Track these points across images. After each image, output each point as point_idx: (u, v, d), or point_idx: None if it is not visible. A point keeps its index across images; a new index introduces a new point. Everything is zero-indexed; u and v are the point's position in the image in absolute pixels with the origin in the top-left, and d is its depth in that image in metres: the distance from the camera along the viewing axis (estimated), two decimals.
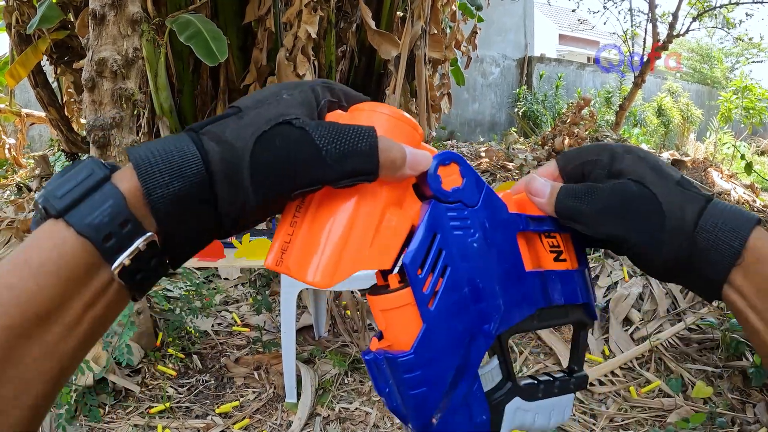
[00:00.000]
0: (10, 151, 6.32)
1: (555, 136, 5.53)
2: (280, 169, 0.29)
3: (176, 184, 0.28)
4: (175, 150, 0.29)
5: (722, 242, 0.35)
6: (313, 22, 3.78)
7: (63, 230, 0.27)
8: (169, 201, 0.28)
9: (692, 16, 7.34)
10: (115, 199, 0.28)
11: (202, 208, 0.29)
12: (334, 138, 0.29)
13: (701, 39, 17.25)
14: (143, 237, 0.28)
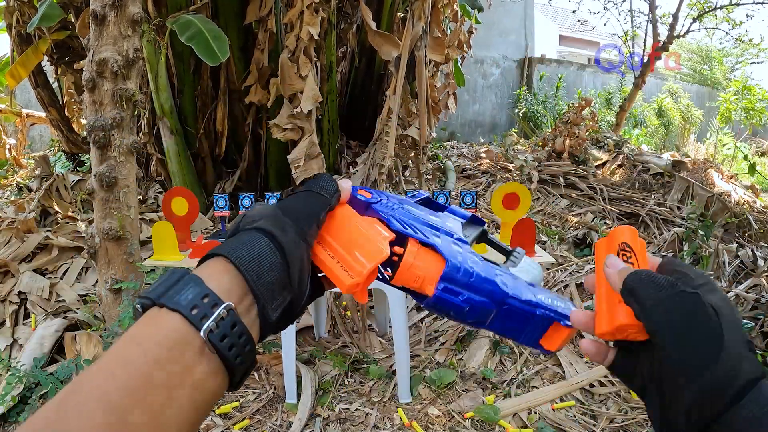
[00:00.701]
0: (10, 151, 6.32)
1: (555, 136, 5.53)
2: (302, 210, 0.42)
3: (252, 249, 0.38)
4: (243, 237, 0.40)
5: (765, 421, 0.32)
6: (315, 23, 3.78)
7: (158, 312, 0.33)
8: (249, 257, 0.37)
9: (692, 17, 7.34)
10: (195, 281, 0.34)
11: (273, 256, 0.38)
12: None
13: (701, 40, 17.25)
14: (224, 305, 0.34)
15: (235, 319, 0.34)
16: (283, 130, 4.00)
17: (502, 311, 0.46)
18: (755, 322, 2.42)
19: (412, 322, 2.78)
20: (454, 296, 0.45)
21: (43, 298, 2.69)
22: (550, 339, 0.47)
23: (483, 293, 0.45)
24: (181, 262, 2.07)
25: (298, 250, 0.39)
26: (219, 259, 0.36)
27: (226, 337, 0.33)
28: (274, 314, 0.37)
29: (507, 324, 0.47)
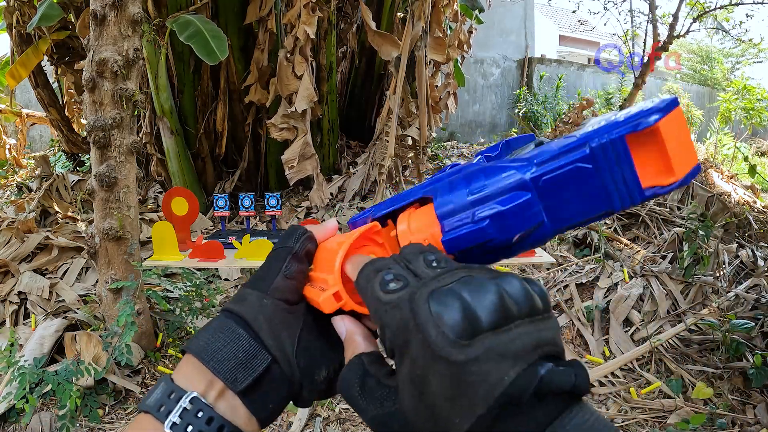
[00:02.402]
0: (10, 151, 6.32)
1: (556, 137, 5.54)
2: (263, 272, 0.41)
3: (207, 332, 0.38)
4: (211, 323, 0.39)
5: None
6: (311, 23, 3.78)
7: (137, 414, 0.36)
8: (204, 342, 0.37)
9: (692, 18, 7.34)
10: (165, 380, 0.36)
11: (228, 332, 0.37)
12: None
13: (701, 40, 17.27)
14: (186, 396, 0.35)
15: (200, 405, 0.34)
16: (280, 130, 4.00)
17: (545, 190, 0.31)
18: (755, 322, 2.42)
19: None
20: (464, 225, 0.32)
21: (43, 298, 2.69)
22: (647, 160, 0.30)
23: (498, 192, 0.31)
24: (181, 262, 2.07)
25: (260, 312, 0.37)
26: (186, 355, 0.37)
27: (191, 426, 0.34)
28: (241, 385, 0.35)
29: (569, 201, 0.31)
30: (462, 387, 0.23)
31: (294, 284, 0.39)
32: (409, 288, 0.26)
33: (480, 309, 0.24)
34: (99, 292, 2.32)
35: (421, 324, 0.24)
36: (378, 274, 0.29)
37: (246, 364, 0.36)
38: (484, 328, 0.24)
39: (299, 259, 0.40)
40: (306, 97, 3.88)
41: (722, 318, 2.50)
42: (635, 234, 3.80)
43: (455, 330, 0.23)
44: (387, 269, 0.29)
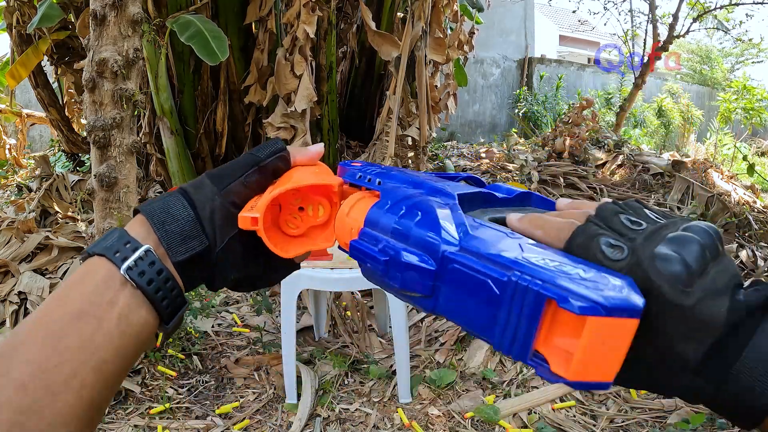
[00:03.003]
0: (10, 151, 6.32)
1: (556, 137, 5.54)
2: (222, 169, 0.45)
3: (161, 201, 0.43)
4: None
5: None
6: (311, 23, 3.78)
7: (90, 259, 0.39)
8: (157, 207, 0.42)
9: (692, 18, 7.35)
10: (119, 231, 0.40)
11: (179, 206, 0.42)
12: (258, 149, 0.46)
13: (701, 40, 17.27)
14: (142, 248, 0.39)
15: (153, 258, 0.38)
16: (277, 130, 4.00)
17: (448, 274, 0.29)
18: None
19: (412, 322, 2.78)
20: (371, 244, 0.32)
21: (43, 298, 2.69)
22: (552, 342, 0.26)
23: (414, 241, 0.30)
24: None
25: (209, 203, 0.42)
26: (138, 214, 0.42)
27: (144, 274, 0.38)
28: (178, 257, 0.40)
29: (460, 301, 0.29)
30: (694, 324, 0.28)
31: (247, 193, 0.44)
32: (629, 252, 0.29)
33: (690, 260, 0.28)
34: None
35: (655, 281, 0.28)
36: (594, 240, 0.30)
37: (186, 240, 0.40)
38: (697, 274, 0.28)
39: (263, 172, 0.45)
40: (305, 96, 3.88)
41: None
42: None
43: (681, 281, 0.28)
44: (601, 235, 0.30)
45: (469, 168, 5.43)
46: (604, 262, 0.29)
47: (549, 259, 0.27)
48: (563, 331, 0.26)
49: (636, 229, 0.30)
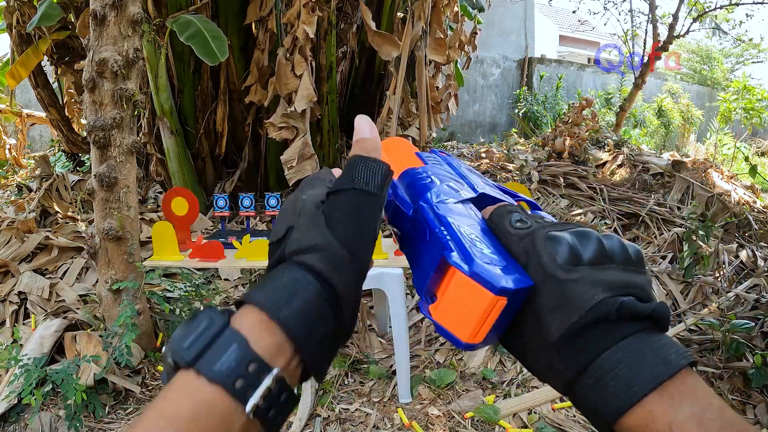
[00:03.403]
0: (10, 151, 6.32)
1: (555, 136, 5.53)
2: (358, 232, 0.34)
3: (297, 300, 0.31)
4: (286, 277, 0.32)
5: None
6: (311, 23, 3.78)
7: (195, 380, 0.28)
8: (294, 313, 0.31)
9: (692, 18, 7.35)
10: (239, 342, 0.29)
11: (323, 308, 0.32)
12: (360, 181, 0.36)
13: (701, 40, 17.27)
14: (271, 375, 0.29)
15: (283, 387, 0.30)
16: (278, 129, 4.00)
17: (415, 220, 0.37)
18: (755, 322, 2.42)
19: (412, 322, 2.78)
20: (391, 188, 0.40)
21: (43, 298, 2.69)
22: (444, 290, 0.33)
23: (410, 194, 0.39)
24: (181, 262, 2.07)
25: (355, 293, 0.33)
26: (258, 312, 0.30)
27: (271, 409, 0.29)
28: (324, 372, 0.33)
29: (412, 240, 0.37)
30: (562, 300, 0.30)
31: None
32: (531, 227, 0.33)
33: (583, 249, 0.31)
34: (99, 292, 2.32)
35: (539, 251, 0.31)
36: (509, 214, 0.34)
37: (330, 349, 0.33)
38: (585, 262, 0.31)
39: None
40: (305, 96, 3.88)
41: (722, 318, 2.50)
42: (635, 234, 3.80)
43: (562, 258, 0.30)
44: (515, 212, 0.34)
45: None
46: (509, 229, 0.33)
47: (475, 235, 0.34)
48: (450, 284, 0.33)
49: (549, 221, 0.34)
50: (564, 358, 0.30)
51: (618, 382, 0.29)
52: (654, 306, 0.30)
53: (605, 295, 0.30)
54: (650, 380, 0.28)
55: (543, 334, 0.31)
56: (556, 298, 0.30)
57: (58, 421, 1.94)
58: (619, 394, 0.29)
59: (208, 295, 2.58)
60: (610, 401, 0.29)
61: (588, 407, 0.31)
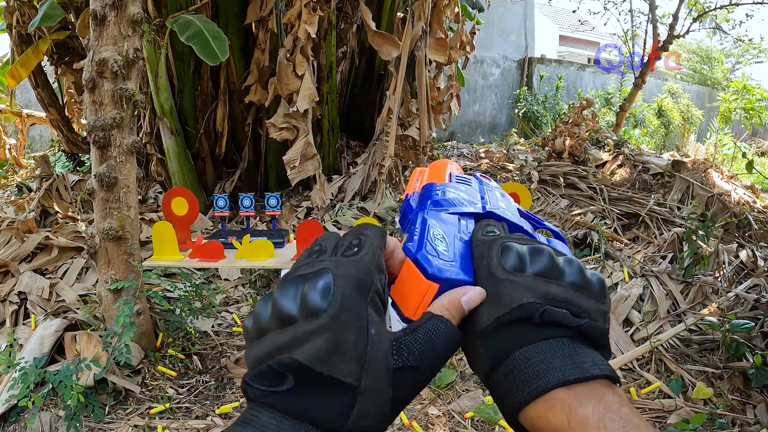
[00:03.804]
0: (10, 151, 6.32)
1: (555, 136, 5.53)
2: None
3: None
4: None
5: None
6: (312, 23, 3.78)
7: None
8: None
9: (692, 18, 7.35)
10: None
11: None
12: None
13: (701, 40, 17.27)
14: None
15: None
16: (280, 130, 4.00)
17: (412, 218, 0.44)
18: (755, 322, 2.42)
19: None
20: (412, 195, 0.50)
21: (43, 298, 2.69)
22: (396, 280, 0.38)
23: (420, 198, 0.47)
24: (181, 262, 2.07)
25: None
26: None
27: None
28: None
29: (407, 229, 0.44)
30: (496, 296, 0.34)
31: None
32: (496, 236, 0.37)
33: (531, 261, 0.34)
34: (99, 292, 2.32)
35: (491, 255, 0.35)
36: (486, 226, 0.39)
37: None
38: (528, 272, 0.34)
39: None
40: (307, 96, 3.88)
41: (722, 318, 2.50)
42: (635, 234, 3.80)
43: (508, 263, 0.34)
44: (492, 226, 0.39)
45: (469, 168, 5.43)
46: (479, 236, 0.38)
47: (442, 237, 0.39)
48: (403, 268, 0.38)
49: (514, 236, 0.38)
50: (488, 348, 0.33)
51: (528, 375, 0.31)
52: (585, 322, 0.32)
53: (534, 300, 0.32)
54: (558, 377, 0.30)
55: (475, 324, 0.34)
56: (491, 294, 0.34)
57: (58, 421, 1.94)
58: (528, 384, 0.31)
59: (208, 295, 2.58)
60: (518, 390, 0.31)
61: (499, 396, 0.33)
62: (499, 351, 0.33)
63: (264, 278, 3.10)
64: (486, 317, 0.33)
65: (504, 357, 0.32)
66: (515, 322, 0.33)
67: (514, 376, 0.32)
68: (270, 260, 2.06)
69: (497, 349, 0.33)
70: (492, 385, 0.34)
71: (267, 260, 2.06)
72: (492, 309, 0.33)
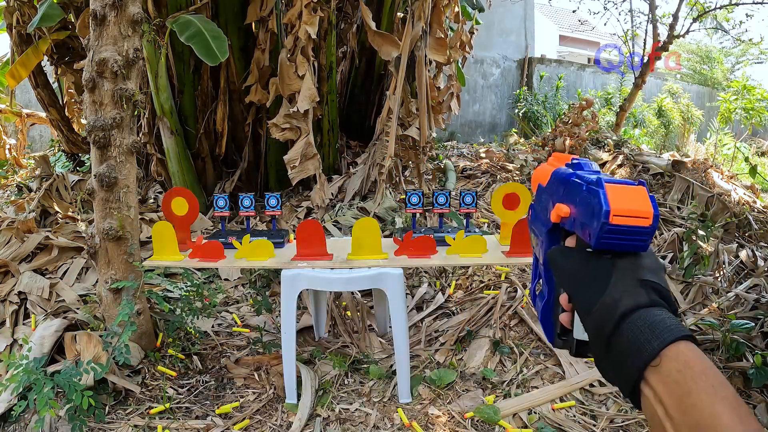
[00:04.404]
0: (10, 151, 6.32)
1: (555, 137, 5.53)
2: None
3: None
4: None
5: (642, 340, 0.42)
6: (313, 23, 3.78)
7: None
8: None
9: (692, 18, 7.34)
10: None
11: None
12: None
13: (701, 40, 17.25)
14: None
15: None
16: (282, 130, 4.00)
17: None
18: (755, 322, 2.42)
19: (412, 322, 2.78)
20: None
21: (43, 298, 2.69)
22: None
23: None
24: (181, 262, 2.07)
25: None
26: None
27: None
28: None
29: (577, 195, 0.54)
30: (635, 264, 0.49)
31: None
32: None
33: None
34: (99, 292, 2.32)
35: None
36: None
37: None
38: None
39: None
40: (308, 96, 3.88)
41: (722, 318, 2.50)
42: None
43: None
44: None
45: (469, 168, 5.43)
46: None
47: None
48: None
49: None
50: (597, 322, 0.46)
51: (660, 328, 0.42)
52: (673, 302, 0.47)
53: (644, 290, 0.46)
54: (677, 332, 0.42)
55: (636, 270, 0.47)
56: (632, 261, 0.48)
57: (59, 421, 1.94)
58: (659, 336, 0.42)
59: (208, 295, 2.58)
60: (655, 337, 0.42)
61: (612, 372, 0.46)
62: (607, 328, 0.44)
63: (264, 278, 3.10)
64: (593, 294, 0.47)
65: (611, 334, 0.44)
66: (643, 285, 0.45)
67: (647, 327, 0.42)
68: (270, 260, 2.06)
69: (606, 326, 0.44)
70: (605, 368, 0.46)
71: (267, 260, 2.06)
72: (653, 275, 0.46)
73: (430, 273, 3.24)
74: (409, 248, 2.03)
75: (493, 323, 2.65)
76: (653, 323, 0.42)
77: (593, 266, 0.48)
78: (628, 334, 0.42)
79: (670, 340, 0.41)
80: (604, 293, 0.46)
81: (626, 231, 0.47)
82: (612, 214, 0.46)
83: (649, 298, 0.44)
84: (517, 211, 2.13)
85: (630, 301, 0.44)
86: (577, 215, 0.51)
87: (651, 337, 0.41)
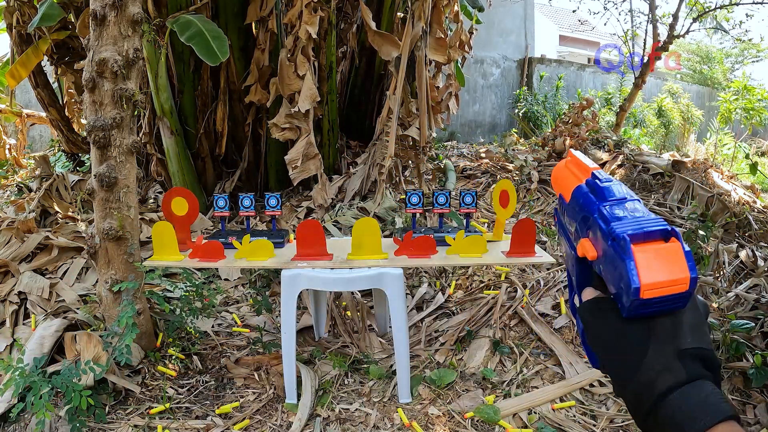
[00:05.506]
0: (10, 151, 6.32)
1: (555, 137, 5.53)
2: None
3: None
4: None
5: (683, 422, 0.40)
6: (313, 23, 3.78)
7: None
8: None
9: (692, 18, 7.34)
10: None
11: None
12: None
13: (701, 40, 17.25)
14: None
15: None
16: (282, 130, 4.00)
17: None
18: (755, 322, 2.42)
19: (412, 322, 2.78)
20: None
21: (43, 298, 2.69)
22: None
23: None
24: (181, 262, 2.07)
25: None
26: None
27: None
28: None
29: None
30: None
31: None
32: None
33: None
34: (99, 292, 2.32)
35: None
36: None
37: None
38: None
39: None
40: (309, 96, 3.88)
41: (722, 318, 2.50)
42: None
43: None
44: None
45: (469, 168, 5.43)
46: None
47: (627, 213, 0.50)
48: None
49: None
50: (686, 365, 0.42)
51: (709, 404, 0.40)
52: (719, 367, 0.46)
53: (706, 347, 0.45)
54: (723, 411, 0.40)
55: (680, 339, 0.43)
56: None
57: (59, 421, 1.94)
58: (707, 414, 0.40)
59: (208, 295, 2.58)
60: (702, 415, 0.40)
61: (681, 416, 0.41)
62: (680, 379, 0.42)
63: (264, 278, 3.10)
64: (690, 340, 0.44)
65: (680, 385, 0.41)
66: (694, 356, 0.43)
67: (686, 408, 0.40)
68: (270, 260, 2.06)
69: (681, 377, 0.42)
70: (659, 415, 0.41)
71: (267, 260, 2.06)
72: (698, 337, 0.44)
73: (430, 273, 3.24)
74: (409, 248, 2.04)
75: (493, 323, 2.65)
76: (693, 404, 0.40)
77: (627, 334, 0.44)
78: (667, 416, 0.40)
79: (711, 424, 0.39)
80: (640, 369, 0.42)
81: (660, 301, 0.42)
82: (643, 290, 0.42)
83: (687, 374, 0.41)
84: (507, 209, 2.14)
85: (668, 380, 0.41)
86: (605, 269, 0.47)
87: (690, 420, 0.39)
